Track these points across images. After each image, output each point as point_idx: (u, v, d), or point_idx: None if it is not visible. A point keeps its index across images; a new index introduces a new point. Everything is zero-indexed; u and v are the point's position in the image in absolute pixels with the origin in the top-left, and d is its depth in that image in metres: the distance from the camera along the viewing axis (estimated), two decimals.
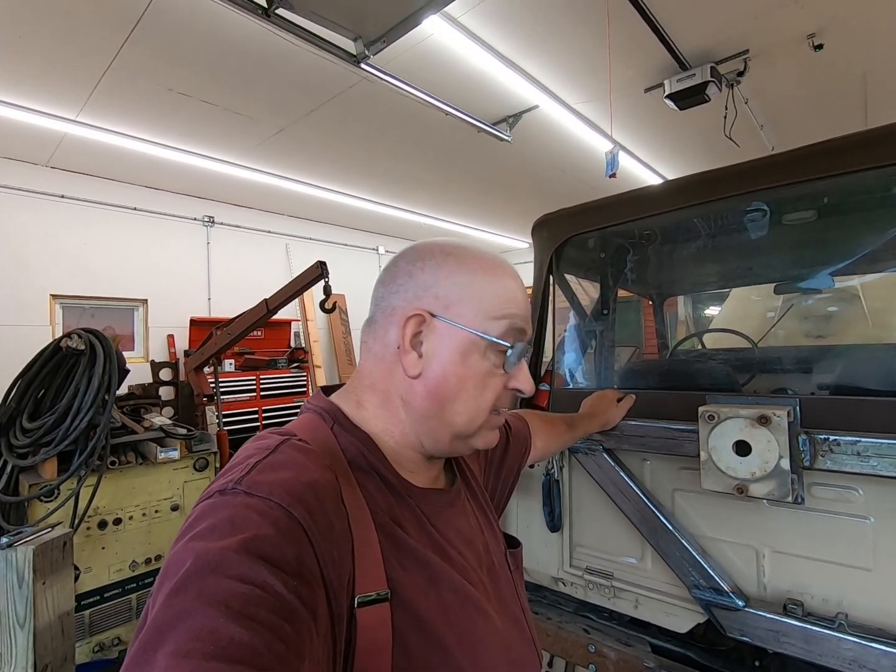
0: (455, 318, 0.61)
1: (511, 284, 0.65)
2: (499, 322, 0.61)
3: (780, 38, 2.98)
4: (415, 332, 0.61)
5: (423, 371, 0.61)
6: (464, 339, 0.60)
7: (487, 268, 0.64)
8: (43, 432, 2.14)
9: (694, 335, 2.99)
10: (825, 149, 1.20)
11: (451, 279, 0.62)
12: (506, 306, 0.62)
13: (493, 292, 0.62)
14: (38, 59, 2.98)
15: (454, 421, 0.61)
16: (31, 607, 1.43)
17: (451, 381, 0.60)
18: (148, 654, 0.35)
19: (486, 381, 0.62)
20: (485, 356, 0.61)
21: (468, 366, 0.61)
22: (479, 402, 0.62)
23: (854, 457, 1.01)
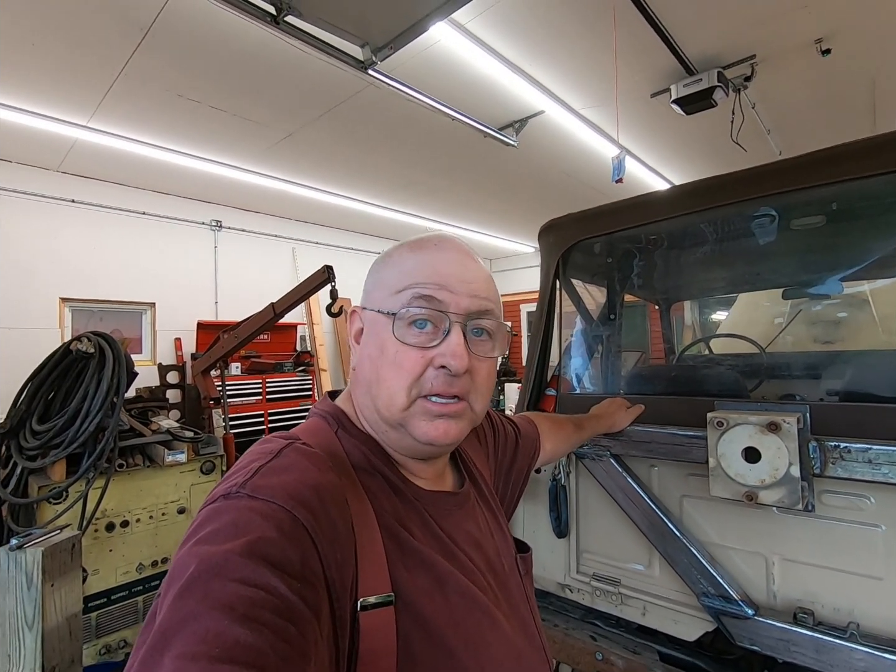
0: (371, 303, 0.63)
1: (426, 256, 0.61)
2: (400, 294, 0.59)
3: (788, 42, 2.97)
4: (358, 329, 0.65)
5: (356, 361, 0.64)
6: (375, 321, 0.61)
7: (407, 248, 0.63)
8: (52, 435, 2.16)
9: (701, 340, 2.98)
10: (833, 154, 1.20)
11: (374, 269, 0.66)
12: (409, 276, 0.59)
13: (401, 269, 0.61)
14: (51, 66, 3.02)
15: (378, 406, 0.60)
16: (39, 609, 1.44)
17: (367, 364, 0.62)
18: (155, 657, 0.36)
19: (398, 358, 0.58)
20: (392, 332, 0.58)
21: (378, 346, 0.60)
22: (392, 382, 0.58)
23: (865, 464, 1.00)
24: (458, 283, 0.60)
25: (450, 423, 0.59)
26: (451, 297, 0.59)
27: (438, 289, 0.58)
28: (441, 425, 0.58)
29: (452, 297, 0.59)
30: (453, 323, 0.58)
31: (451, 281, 0.59)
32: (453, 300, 0.59)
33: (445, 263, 0.61)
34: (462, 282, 0.60)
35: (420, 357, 0.58)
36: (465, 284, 0.60)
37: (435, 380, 0.58)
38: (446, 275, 0.60)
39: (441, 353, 0.57)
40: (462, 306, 0.59)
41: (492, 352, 0.63)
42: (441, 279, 0.59)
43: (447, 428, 0.59)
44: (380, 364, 0.59)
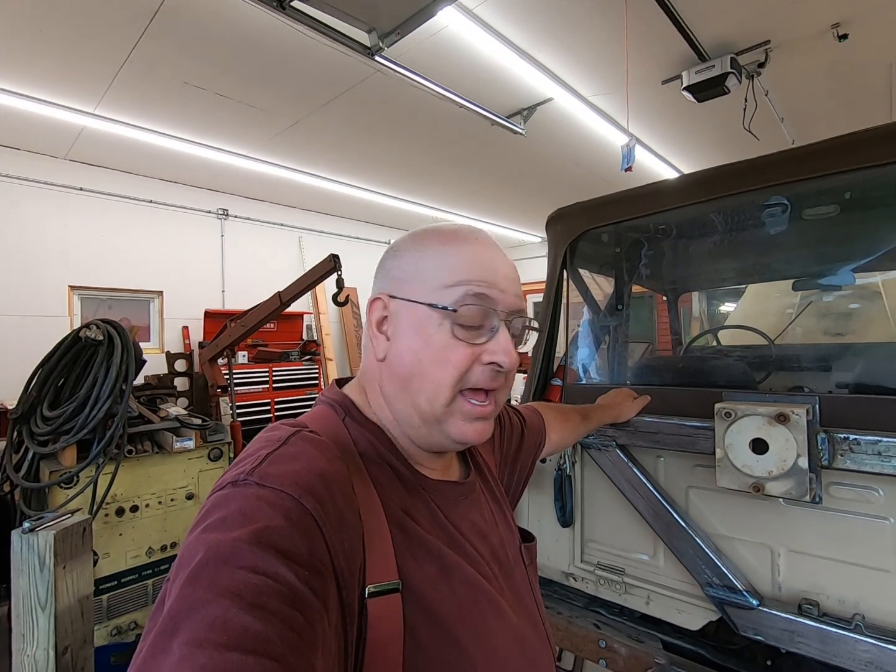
0: (408, 294, 0.60)
1: (471, 250, 0.61)
2: (451, 290, 0.58)
3: (803, 28, 2.90)
4: (381, 317, 0.62)
5: (388, 352, 0.61)
6: (417, 314, 0.59)
7: (444, 239, 0.62)
8: (62, 421, 2.19)
9: (709, 331, 2.95)
10: (848, 142, 1.17)
11: (406, 257, 0.63)
12: (459, 272, 0.59)
13: (445, 261, 0.60)
14: (57, 53, 3.01)
15: (417, 401, 0.59)
16: (51, 590, 1.47)
17: (407, 356, 0.59)
18: (164, 642, 0.36)
19: (445, 353, 0.58)
20: (441, 327, 0.58)
21: (423, 339, 0.58)
22: (439, 377, 0.58)
23: (875, 456, 0.99)
24: (506, 281, 0.62)
25: (485, 425, 0.62)
26: (501, 296, 0.60)
27: (490, 287, 0.60)
28: (479, 426, 0.61)
29: (501, 295, 0.60)
30: (501, 321, 0.60)
31: (500, 279, 0.61)
32: (502, 298, 0.60)
33: (491, 261, 0.62)
34: (508, 280, 0.62)
35: (469, 353, 0.58)
36: (511, 283, 0.62)
37: (481, 375, 0.59)
38: (496, 272, 0.61)
39: (491, 351, 0.59)
40: (508, 304, 0.61)
41: (522, 347, 0.65)
42: (492, 277, 0.60)
43: (484, 429, 0.61)
44: (424, 357, 0.58)
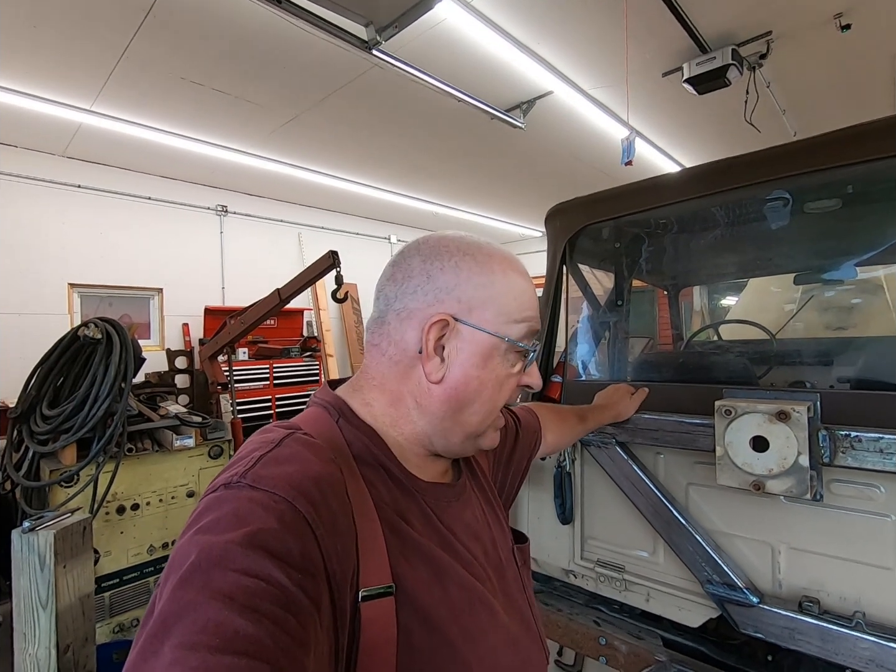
0: (479, 322, 0.61)
1: (525, 285, 0.65)
2: (519, 325, 0.62)
3: (806, 18, 2.87)
4: (438, 337, 0.59)
5: (445, 375, 0.60)
6: (487, 343, 0.61)
7: (505, 268, 0.64)
8: (62, 419, 2.19)
9: (710, 326, 2.94)
10: (851, 135, 1.16)
11: (473, 281, 0.61)
12: (525, 308, 0.63)
13: (512, 294, 0.63)
14: (53, 49, 2.99)
15: (470, 421, 0.62)
16: (52, 589, 1.47)
17: (473, 384, 0.61)
18: (155, 645, 0.36)
19: (505, 381, 0.63)
20: (505, 358, 0.62)
21: (490, 369, 0.61)
22: (494, 403, 0.63)
23: (876, 453, 0.99)
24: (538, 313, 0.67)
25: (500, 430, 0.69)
26: (538, 328, 0.67)
27: (538, 322, 0.66)
28: (499, 433, 0.69)
29: (539, 327, 0.67)
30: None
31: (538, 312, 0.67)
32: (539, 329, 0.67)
33: (535, 293, 0.67)
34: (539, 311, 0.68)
35: (517, 380, 0.65)
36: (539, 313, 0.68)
37: (513, 395, 0.66)
38: (537, 307, 0.67)
39: (529, 376, 0.66)
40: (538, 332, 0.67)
41: None
42: (538, 313, 0.66)
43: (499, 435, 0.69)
44: (487, 384, 0.62)
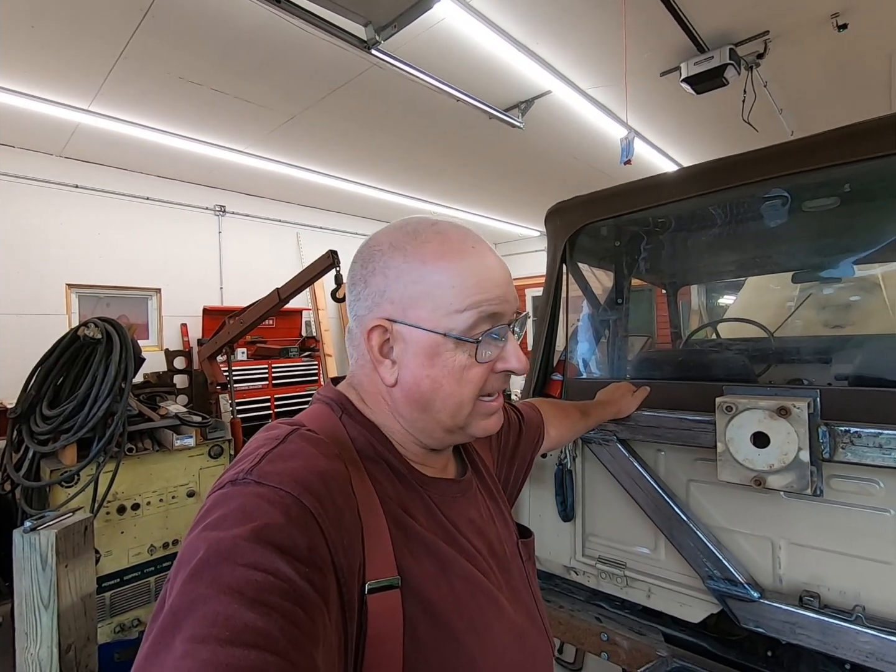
0: (415, 321, 0.57)
1: (473, 264, 0.58)
2: (463, 315, 0.56)
3: (803, 18, 2.88)
4: (382, 341, 0.59)
5: (398, 377, 0.59)
6: (429, 341, 0.57)
7: (440, 253, 0.57)
8: (62, 419, 2.18)
9: (709, 324, 2.95)
10: (848, 133, 1.17)
11: (402, 280, 0.57)
12: (468, 293, 0.56)
13: (449, 283, 0.56)
14: (51, 48, 2.98)
15: (440, 418, 0.60)
16: (54, 589, 1.47)
17: (425, 383, 0.58)
18: (166, 639, 0.36)
19: (464, 374, 0.58)
20: (457, 352, 0.57)
21: (441, 366, 0.57)
22: (459, 397, 0.59)
23: (875, 449, 0.99)
24: (508, 288, 0.61)
25: (500, 415, 0.65)
26: (507, 307, 0.60)
27: (500, 302, 0.59)
28: (496, 418, 0.64)
29: (508, 306, 0.60)
30: (508, 329, 0.61)
31: (505, 289, 0.60)
32: (509, 309, 0.60)
33: (495, 271, 0.60)
34: (509, 286, 0.62)
35: (485, 368, 0.60)
36: (510, 288, 0.62)
37: (496, 382, 0.61)
38: (500, 284, 0.60)
39: (504, 360, 0.60)
40: (513, 310, 0.62)
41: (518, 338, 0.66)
42: (499, 290, 0.59)
43: (499, 419, 0.65)
44: (442, 381, 0.58)
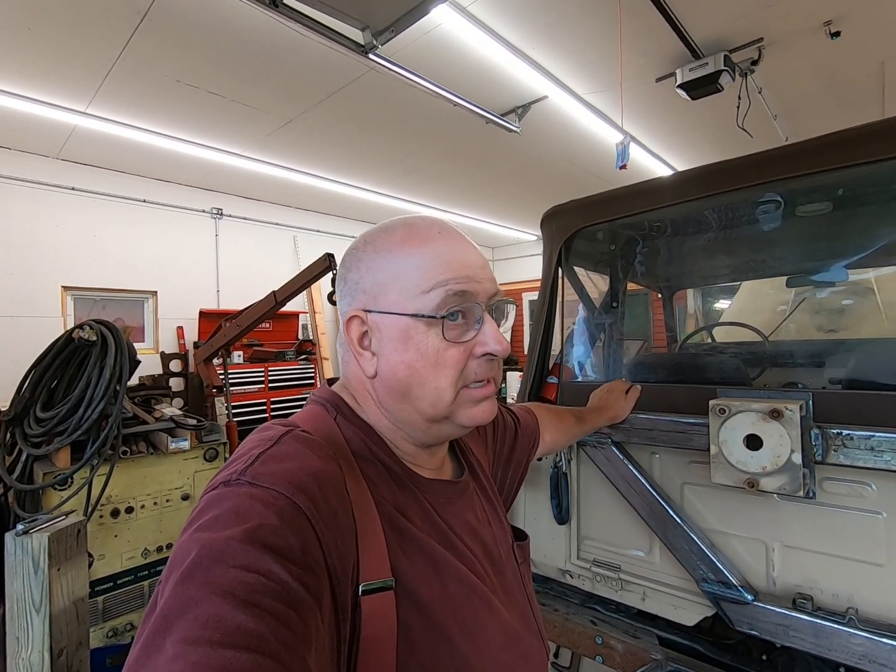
0: (385, 306, 0.58)
1: (438, 247, 0.59)
2: (430, 294, 0.57)
3: (796, 25, 2.91)
4: (360, 333, 0.61)
5: (377, 368, 0.60)
6: (400, 325, 0.58)
7: (405, 240, 0.60)
8: (56, 422, 2.17)
9: (704, 328, 2.97)
10: (841, 139, 1.18)
11: (372, 268, 0.60)
12: (434, 274, 0.57)
13: (413, 265, 0.58)
14: (48, 50, 2.98)
15: (421, 407, 0.59)
16: (46, 593, 1.46)
17: (400, 370, 0.58)
18: (157, 641, 0.36)
19: (440, 358, 0.57)
20: (429, 334, 0.57)
21: (413, 350, 0.57)
22: (436, 382, 0.58)
23: (867, 451, 1.00)
24: (479, 270, 0.61)
25: (490, 403, 0.62)
26: (478, 287, 0.59)
27: (468, 281, 0.58)
28: (486, 406, 0.62)
29: (479, 285, 0.60)
30: (484, 311, 0.60)
31: (475, 270, 0.60)
32: (480, 289, 0.60)
33: (461, 254, 0.60)
34: (481, 268, 0.61)
35: (462, 351, 0.59)
36: (483, 270, 0.61)
37: (478, 368, 0.60)
38: (468, 265, 0.60)
39: (482, 343, 0.59)
40: (487, 292, 0.61)
41: (506, 327, 0.65)
42: (467, 271, 0.59)
43: (490, 407, 0.62)
44: (419, 366, 0.58)
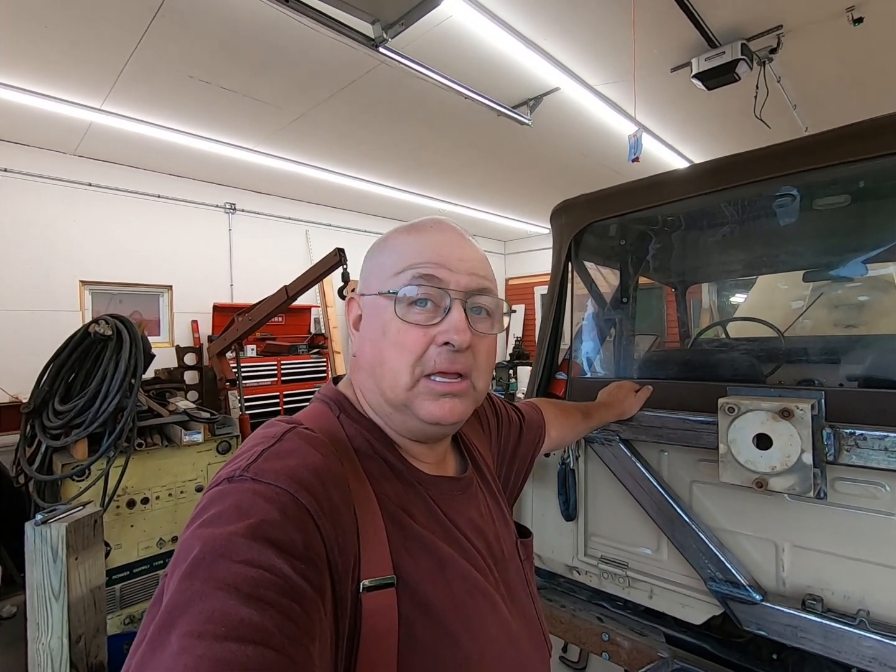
0: (368, 288, 0.63)
1: (424, 237, 0.62)
2: (399, 276, 0.59)
3: (817, 11, 2.83)
4: (356, 316, 0.66)
5: (357, 347, 0.65)
6: (374, 305, 0.62)
7: (398, 233, 0.64)
8: (74, 414, 2.22)
9: (717, 324, 2.92)
10: (862, 130, 1.14)
11: (369, 257, 0.67)
12: (408, 258, 0.60)
13: (395, 252, 0.62)
14: (64, 48, 3.02)
15: (382, 388, 0.60)
16: (64, 581, 1.50)
17: (367, 347, 0.62)
18: (162, 635, 0.37)
19: (399, 338, 0.58)
20: (394, 312, 0.59)
21: (380, 328, 0.60)
22: (394, 362, 0.59)
23: (881, 452, 0.98)
24: (457, 261, 0.61)
25: (455, 402, 0.59)
26: (451, 276, 0.59)
27: (438, 267, 0.59)
28: (446, 404, 0.59)
29: (452, 275, 0.60)
30: (454, 300, 0.59)
31: (451, 260, 0.60)
32: (453, 278, 0.60)
33: (443, 244, 0.62)
34: (460, 260, 0.61)
35: (422, 335, 0.58)
36: (463, 263, 0.61)
37: (438, 357, 0.58)
38: (445, 254, 0.60)
39: (443, 330, 0.58)
40: (462, 284, 0.60)
41: (491, 329, 0.64)
42: (440, 258, 0.60)
43: (452, 406, 0.59)
44: (382, 345, 0.60)
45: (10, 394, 3.97)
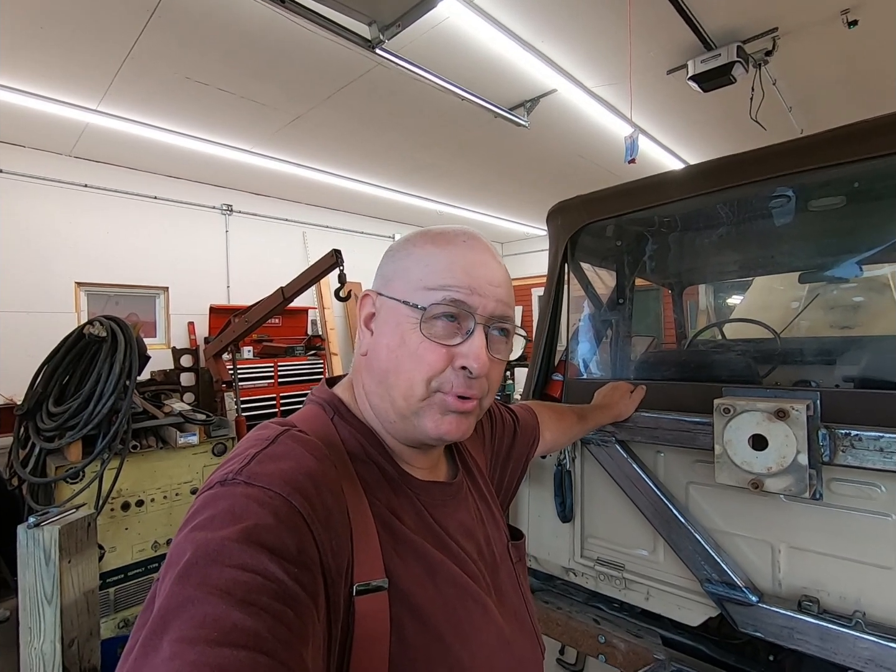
0: (392, 292, 0.61)
1: (457, 252, 0.61)
2: (432, 293, 0.58)
3: (813, 14, 2.84)
4: (369, 313, 0.64)
5: (369, 347, 0.63)
6: (397, 311, 0.60)
7: (431, 240, 0.62)
8: (68, 416, 2.21)
9: (713, 325, 2.92)
10: (857, 131, 1.15)
11: (394, 257, 0.65)
12: (441, 276, 0.59)
13: (427, 261, 0.60)
14: (60, 49, 3.01)
15: (393, 396, 0.59)
16: (57, 584, 1.49)
17: (383, 353, 0.60)
18: (154, 641, 0.36)
19: (420, 352, 0.58)
20: (418, 327, 0.58)
21: (400, 337, 0.59)
22: (412, 374, 0.58)
23: (877, 452, 0.98)
24: (488, 286, 0.61)
25: (461, 420, 0.60)
26: (480, 301, 0.59)
27: (470, 293, 0.59)
28: (453, 420, 0.59)
29: (481, 300, 0.60)
30: (477, 324, 0.59)
31: (482, 284, 0.60)
32: (481, 303, 0.60)
33: (476, 265, 0.61)
34: (491, 285, 0.61)
35: (443, 353, 0.58)
36: (493, 289, 0.61)
37: (455, 380, 0.59)
38: (478, 277, 0.60)
39: (463, 354, 0.58)
40: (488, 310, 0.60)
41: (507, 353, 0.64)
42: (473, 282, 0.59)
43: (458, 423, 0.60)
44: (399, 354, 0.59)
45: (5, 396, 3.95)
